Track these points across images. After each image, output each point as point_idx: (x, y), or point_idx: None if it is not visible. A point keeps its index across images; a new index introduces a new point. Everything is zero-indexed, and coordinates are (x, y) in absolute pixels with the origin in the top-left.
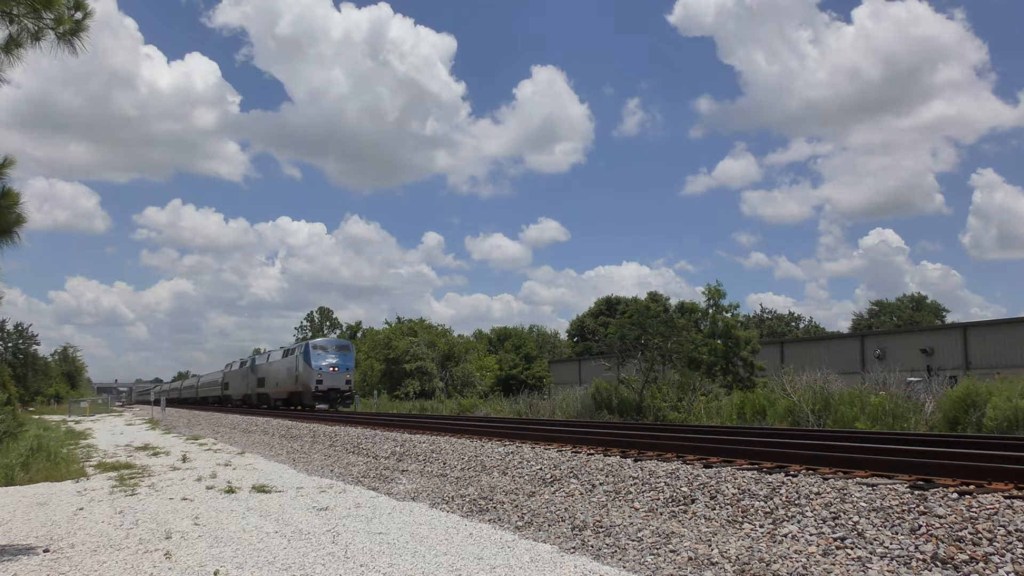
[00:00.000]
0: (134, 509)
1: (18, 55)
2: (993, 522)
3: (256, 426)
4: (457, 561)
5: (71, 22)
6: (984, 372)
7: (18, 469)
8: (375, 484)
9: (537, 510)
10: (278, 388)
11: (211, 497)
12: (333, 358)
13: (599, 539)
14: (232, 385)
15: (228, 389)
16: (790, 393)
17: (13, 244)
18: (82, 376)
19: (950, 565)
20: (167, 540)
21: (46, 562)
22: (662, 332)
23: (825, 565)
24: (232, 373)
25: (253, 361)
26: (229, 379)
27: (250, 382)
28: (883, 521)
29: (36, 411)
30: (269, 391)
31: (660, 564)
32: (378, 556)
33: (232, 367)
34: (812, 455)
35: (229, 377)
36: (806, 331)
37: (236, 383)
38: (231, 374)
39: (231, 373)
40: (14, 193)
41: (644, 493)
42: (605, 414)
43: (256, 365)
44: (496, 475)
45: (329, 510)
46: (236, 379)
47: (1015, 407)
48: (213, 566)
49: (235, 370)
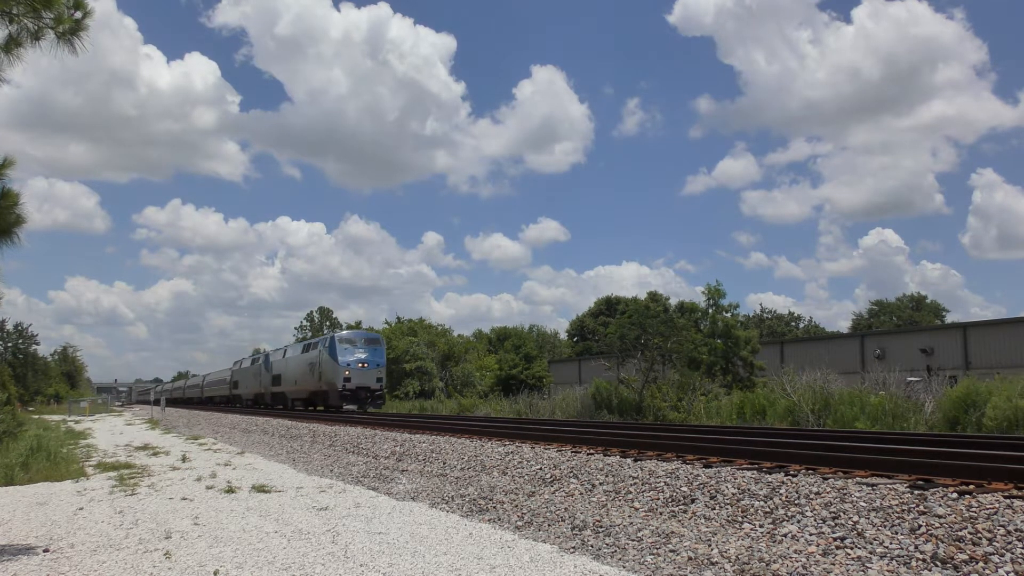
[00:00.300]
0: (134, 509)
1: (18, 55)
2: (993, 522)
3: (256, 426)
4: (457, 561)
5: (71, 22)
6: (984, 372)
7: (18, 469)
8: (375, 484)
9: (537, 510)
10: (297, 387)
11: (211, 497)
12: (362, 352)
13: (599, 539)
14: (243, 384)
15: (238, 388)
16: (790, 393)
17: (13, 244)
18: (82, 376)
19: (950, 565)
20: (167, 540)
21: (46, 562)
22: (662, 332)
23: (825, 565)
24: (243, 371)
25: (267, 357)
26: (239, 377)
27: (264, 380)
28: (883, 521)
29: (36, 411)
30: (286, 390)
31: (660, 564)
32: (378, 556)
33: (242, 364)
34: (812, 455)
35: (239, 375)
36: (806, 331)
37: (247, 381)
38: (241, 372)
39: (241, 371)
40: (14, 193)
41: (644, 493)
42: (605, 414)
43: (271, 362)
44: (496, 475)
45: (329, 510)
46: (247, 377)
47: (1015, 407)
48: (213, 566)
49: (246, 367)
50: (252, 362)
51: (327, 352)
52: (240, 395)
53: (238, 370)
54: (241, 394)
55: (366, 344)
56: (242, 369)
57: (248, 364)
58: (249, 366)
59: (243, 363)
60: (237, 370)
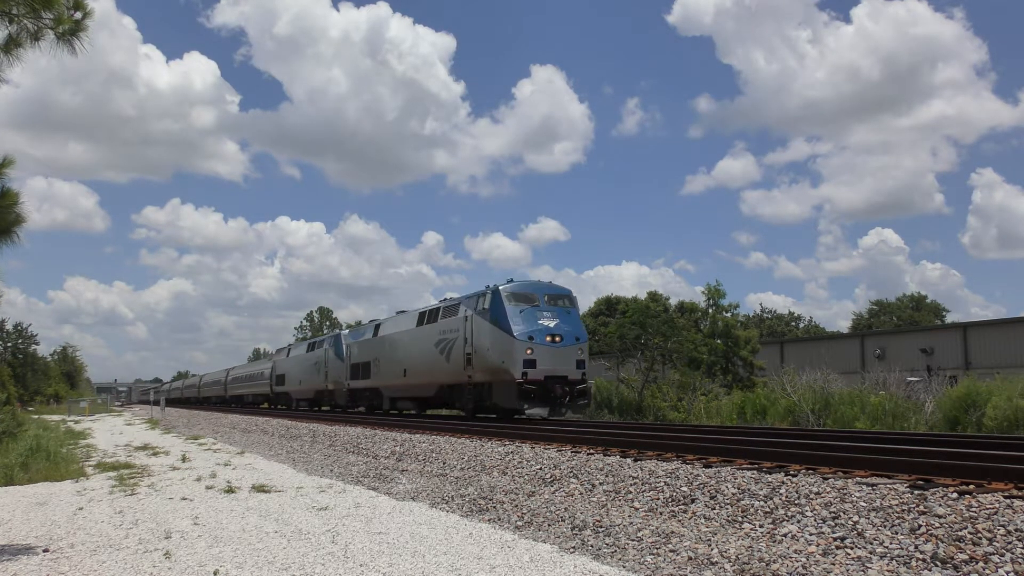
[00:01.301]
0: (134, 509)
1: (17, 55)
2: (993, 522)
3: (256, 426)
4: (457, 561)
5: (71, 22)
6: (984, 372)
7: (17, 469)
8: (375, 484)
9: (537, 510)
10: (410, 380)
11: (211, 497)
12: (550, 317)
13: (599, 539)
14: (292, 378)
15: (283, 385)
16: (790, 393)
17: (12, 244)
18: (81, 376)
19: (950, 565)
20: (167, 540)
21: (46, 562)
22: (662, 332)
23: (825, 565)
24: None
25: (337, 339)
26: (286, 368)
27: (335, 371)
28: (883, 521)
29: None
30: (382, 385)
31: (660, 564)
32: (378, 556)
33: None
34: (812, 455)
35: (286, 365)
36: (806, 331)
37: (302, 374)
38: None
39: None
40: (13, 193)
41: (644, 493)
42: (605, 414)
43: (356, 341)
44: (496, 475)
45: (329, 510)
46: (301, 369)
47: (1015, 407)
48: (213, 566)
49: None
50: (310, 348)
51: (487, 317)
52: (287, 393)
53: (284, 360)
54: (289, 392)
55: (551, 304)
56: (293, 359)
57: (303, 351)
58: (304, 353)
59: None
60: (283, 360)
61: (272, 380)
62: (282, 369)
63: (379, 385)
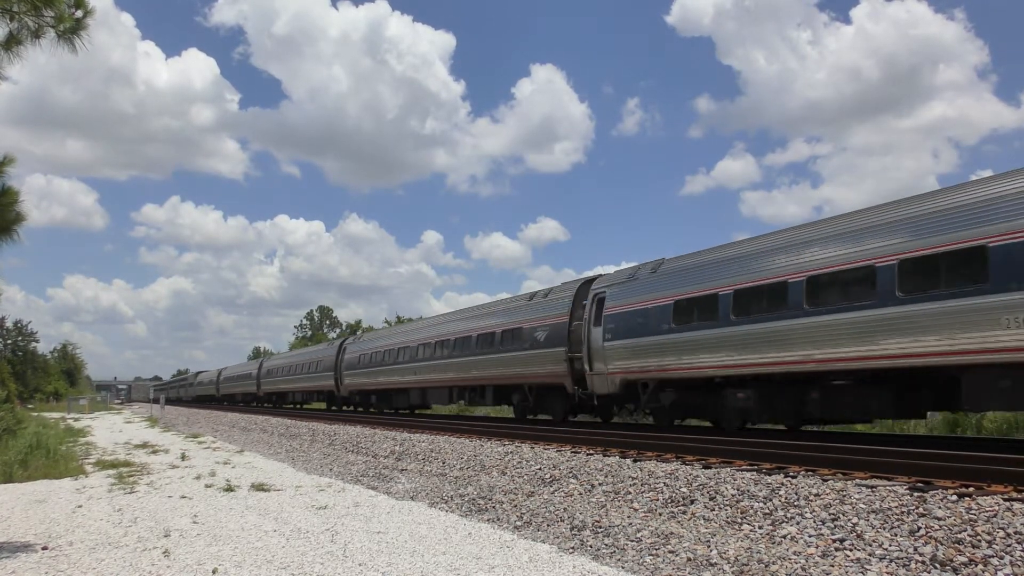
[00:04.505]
0: (133, 507)
1: (18, 52)
2: (992, 524)
3: (255, 424)
4: (456, 560)
5: (71, 20)
6: None
7: (17, 466)
8: (374, 483)
9: (536, 510)
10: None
11: (210, 495)
12: None
13: (598, 539)
14: (370, 372)
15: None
16: None
17: (12, 241)
18: (81, 373)
19: (949, 567)
20: (166, 538)
21: (45, 559)
22: None
23: (824, 566)
24: (366, 345)
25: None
26: (359, 353)
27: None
28: (882, 523)
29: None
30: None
31: (659, 565)
32: (377, 555)
33: (352, 342)
34: (811, 456)
35: (358, 348)
36: None
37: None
38: (362, 346)
39: (362, 344)
40: (13, 191)
41: (643, 494)
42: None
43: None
44: (495, 475)
45: (328, 509)
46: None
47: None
48: (212, 564)
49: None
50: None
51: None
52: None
53: (355, 343)
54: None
55: None
56: (363, 343)
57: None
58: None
59: (359, 341)
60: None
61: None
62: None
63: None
